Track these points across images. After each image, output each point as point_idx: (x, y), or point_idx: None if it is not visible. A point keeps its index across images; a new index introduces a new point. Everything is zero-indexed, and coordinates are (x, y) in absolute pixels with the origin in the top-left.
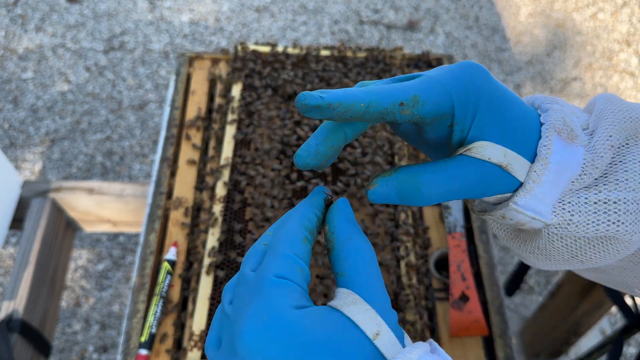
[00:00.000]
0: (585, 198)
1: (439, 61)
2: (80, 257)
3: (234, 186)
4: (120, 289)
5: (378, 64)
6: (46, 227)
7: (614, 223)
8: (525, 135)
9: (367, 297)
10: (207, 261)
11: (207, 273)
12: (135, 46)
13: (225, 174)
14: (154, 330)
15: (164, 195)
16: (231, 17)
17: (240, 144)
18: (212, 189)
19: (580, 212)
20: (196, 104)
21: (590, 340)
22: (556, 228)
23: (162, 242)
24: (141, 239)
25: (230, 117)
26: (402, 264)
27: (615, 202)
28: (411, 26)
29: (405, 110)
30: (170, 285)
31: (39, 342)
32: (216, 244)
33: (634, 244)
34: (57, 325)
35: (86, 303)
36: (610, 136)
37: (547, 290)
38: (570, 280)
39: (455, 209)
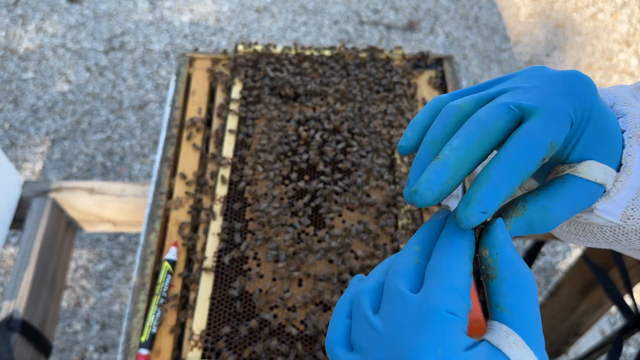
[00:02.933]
0: None
1: (438, 61)
2: (80, 257)
3: (234, 186)
4: (121, 288)
5: (378, 63)
6: (47, 227)
7: None
8: (615, 147)
9: (528, 340)
10: (207, 261)
11: (207, 273)
12: (136, 46)
13: (226, 174)
14: (154, 330)
15: (165, 195)
16: (231, 18)
17: (241, 144)
18: (213, 189)
19: None
20: (196, 104)
21: (589, 340)
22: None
23: (162, 242)
24: (141, 239)
25: (230, 117)
26: None
27: None
28: (411, 26)
29: (547, 158)
30: (170, 285)
31: (40, 342)
32: (216, 244)
33: None
34: (58, 325)
35: (86, 303)
36: None
37: (547, 290)
38: (570, 280)
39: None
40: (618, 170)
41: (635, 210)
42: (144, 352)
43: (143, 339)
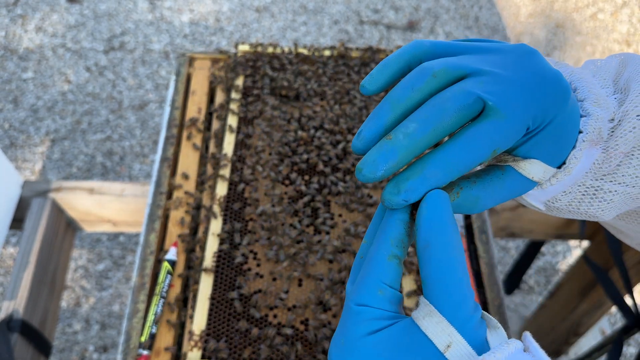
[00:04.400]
0: (598, 184)
1: None
2: (80, 257)
3: (234, 186)
4: (121, 288)
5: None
6: (46, 227)
7: (594, 207)
8: (565, 149)
9: (441, 307)
10: (207, 261)
11: (207, 273)
12: (136, 46)
13: (226, 174)
14: (154, 330)
15: (164, 195)
16: (231, 18)
17: (241, 144)
18: (212, 189)
19: (572, 194)
20: (196, 104)
21: (590, 340)
22: (571, 207)
23: (162, 242)
24: (141, 239)
25: (230, 117)
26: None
27: (601, 190)
28: (411, 26)
29: (484, 163)
30: (170, 285)
31: (39, 342)
32: (216, 244)
33: (599, 218)
34: (58, 325)
35: (86, 303)
36: (632, 136)
37: (547, 290)
38: (570, 280)
39: None
40: (560, 167)
41: (558, 202)
42: (143, 352)
43: (143, 339)
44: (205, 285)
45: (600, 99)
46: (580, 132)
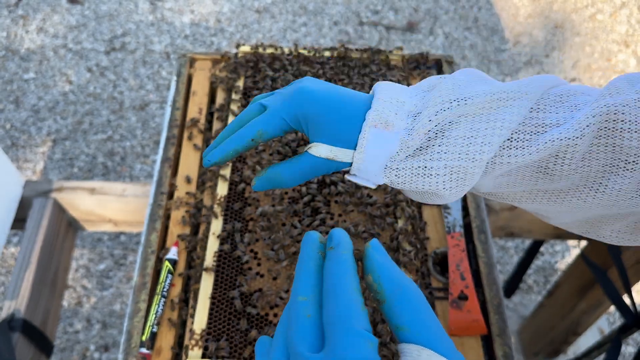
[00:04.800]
0: (408, 164)
1: (438, 62)
2: (81, 256)
3: (234, 186)
4: (122, 288)
5: (378, 64)
6: (48, 227)
7: (427, 183)
8: (349, 133)
9: (438, 349)
10: (207, 261)
11: (208, 272)
12: (137, 47)
13: (226, 174)
14: (154, 330)
15: (165, 195)
16: (232, 18)
17: None
18: (213, 189)
19: (404, 174)
20: (197, 105)
21: (588, 339)
22: (393, 184)
23: (163, 242)
24: (142, 239)
25: (231, 117)
26: (402, 263)
27: (425, 168)
28: (411, 27)
29: (257, 140)
30: (171, 285)
31: (41, 341)
32: (217, 244)
33: (447, 197)
34: (59, 324)
35: (87, 302)
36: (429, 121)
37: (546, 289)
38: (569, 279)
39: (455, 209)
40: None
41: (399, 177)
42: (144, 351)
43: (144, 338)
44: (206, 285)
45: (391, 98)
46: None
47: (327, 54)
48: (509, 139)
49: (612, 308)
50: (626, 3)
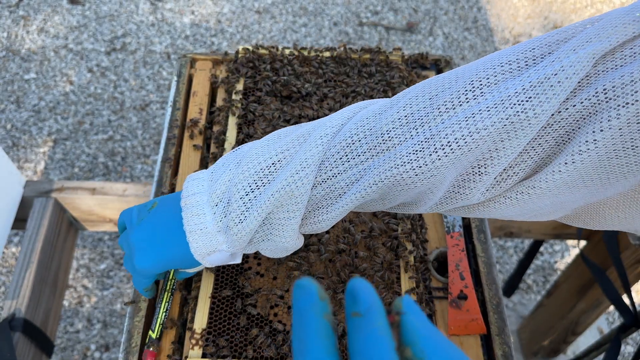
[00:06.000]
0: (251, 248)
1: (437, 62)
2: (82, 256)
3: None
4: (122, 288)
5: (377, 64)
6: (48, 227)
7: (269, 250)
8: (182, 253)
9: None
10: None
11: (208, 271)
12: (137, 47)
13: None
14: (164, 327)
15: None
16: (232, 19)
17: (241, 144)
18: None
19: (253, 248)
20: (197, 105)
21: (588, 339)
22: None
23: None
24: None
25: (231, 118)
26: (402, 263)
27: (262, 246)
28: (410, 28)
29: (147, 289)
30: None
31: (41, 340)
32: None
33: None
34: (60, 324)
35: (88, 302)
36: (237, 235)
37: (545, 289)
38: (568, 279)
39: None
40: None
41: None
42: (151, 349)
43: (154, 335)
44: (206, 284)
45: (199, 230)
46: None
47: (327, 54)
48: (318, 208)
49: (612, 308)
50: (625, 4)
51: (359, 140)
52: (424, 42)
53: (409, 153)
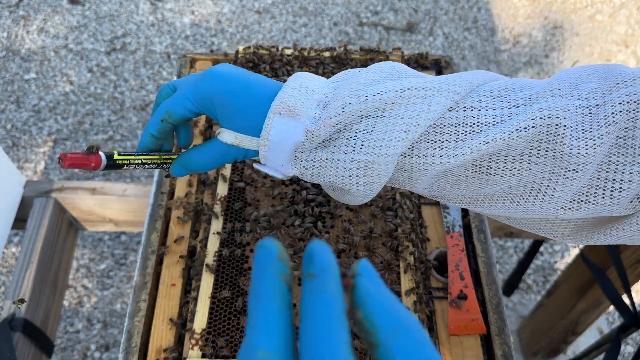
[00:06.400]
0: (316, 155)
1: (437, 62)
2: (82, 256)
3: (234, 186)
4: (122, 288)
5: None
6: (48, 227)
7: (335, 176)
8: (254, 120)
9: None
10: (207, 260)
11: (208, 272)
12: (137, 47)
13: (226, 174)
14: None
15: (166, 195)
16: (232, 19)
17: None
18: (214, 189)
19: (313, 166)
20: None
21: (587, 338)
22: (303, 176)
23: (163, 242)
24: (143, 239)
25: None
26: (401, 263)
27: (333, 161)
28: (410, 28)
29: (167, 120)
30: (171, 285)
31: (41, 341)
32: (217, 244)
33: (357, 194)
34: (60, 324)
35: (88, 302)
36: (332, 117)
37: (545, 289)
38: (568, 279)
39: (454, 209)
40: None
41: (308, 168)
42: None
43: (118, 157)
44: (206, 284)
45: (301, 86)
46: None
47: (326, 54)
48: (440, 140)
49: (612, 308)
50: (625, 3)
51: (513, 89)
52: (424, 42)
53: (575, 107)
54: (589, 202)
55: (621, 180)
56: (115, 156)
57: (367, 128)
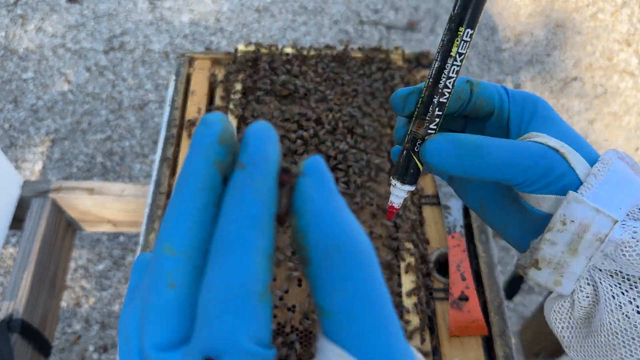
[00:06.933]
0: None
1: None
2: (80, 257)
3: None
4: (121, 288)
5: (378, 63)
6: (46, 227)
7: None
8: (584, 147)
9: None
10: None
11: None
12: (136, 46)
13: None
14: None
15: (164, 195)
16: (231, 18)
17: None
18: None
19: None
20: (196, 104)
21: None
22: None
23: None
24: (141, 239)
25: (230, 117)
26: (402, 264)
27: None
28: (411, 26)
29: (474, 87)
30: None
31: (39, 342)
32: None
33: None
34: (58, 325)
35: (86, 303)
36: None
37: (547, 290)
38: None
39: (455, 209)
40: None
41: (623, 229)
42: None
43: None
44: None
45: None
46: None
47: (326, 53)
48: None
49: None
50: (627, 2)
51: None
52: (425, 41)
53: None
54: None
55: None
56: None
57: None
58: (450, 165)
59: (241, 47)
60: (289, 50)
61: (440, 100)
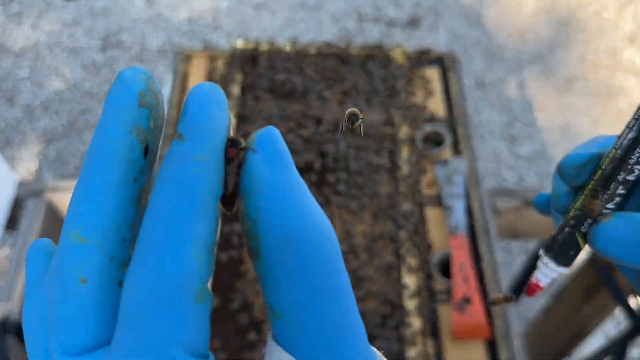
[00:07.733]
0: None
1: (440, 59)
2: None
3: None
4: None
5: (379, 61)
6: (42, 228)
7: None
8: None
9: None
10: None
11: None
12: (132, 44)
13: None
14: None
15: None
16: (229, 15)
17: None
18: None
19: None
20: None
21: (594, 342)
22: None
23: None
24: None
25: None
26: (404, 266)
27: None
28: (413, 23)
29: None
30: None
31: None
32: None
33: None
34: None
35: None
36: None
37: (550, 292)
38: (575, 282)
39: (458, 210)
40: None
41: None
42: None
43: None
44: None
45: None
46: None
47: (326, 50)
48: None
49: (619, 311)
50: (631, 0)
51: None
52: (427, 38)
53: None
54: None
55: None
56: None
57: None
58: (634, 257)
59: (240, 44)
60: (288, 47)
61: (628, 178)
